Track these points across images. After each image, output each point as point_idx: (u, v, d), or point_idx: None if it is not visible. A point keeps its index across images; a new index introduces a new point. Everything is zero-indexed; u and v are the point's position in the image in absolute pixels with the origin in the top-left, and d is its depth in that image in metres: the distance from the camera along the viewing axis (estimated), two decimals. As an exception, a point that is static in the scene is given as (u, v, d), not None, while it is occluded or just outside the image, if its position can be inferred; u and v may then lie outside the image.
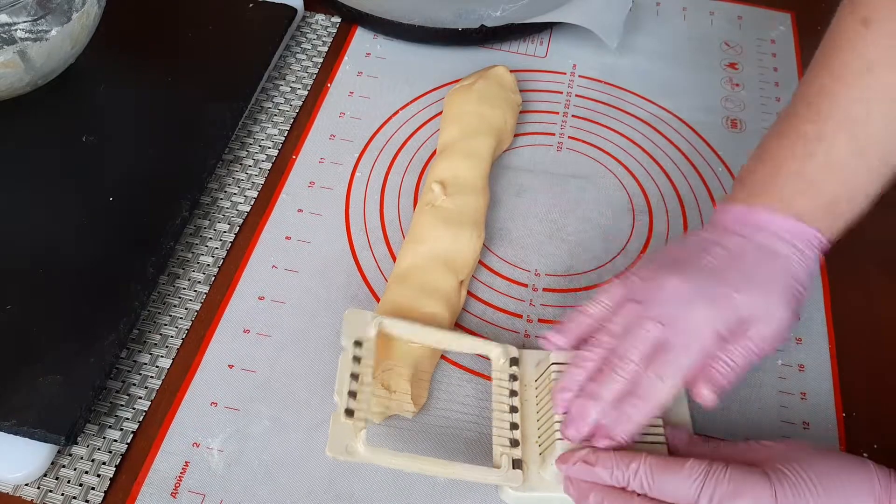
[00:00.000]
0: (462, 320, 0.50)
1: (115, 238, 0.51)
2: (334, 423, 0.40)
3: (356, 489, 0.43)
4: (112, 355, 0.45)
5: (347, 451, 0.40)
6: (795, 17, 0.71)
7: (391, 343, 0.46)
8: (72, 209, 0.53)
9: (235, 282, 0.51)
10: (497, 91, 0.59)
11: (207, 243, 0.53)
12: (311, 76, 0.65)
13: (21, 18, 0.55)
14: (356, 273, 0.52)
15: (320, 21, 0.69)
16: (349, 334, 0.44)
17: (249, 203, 0.56)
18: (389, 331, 0.45)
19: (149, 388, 0.46)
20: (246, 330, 0.49)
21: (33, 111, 0.58)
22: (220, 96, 0.59)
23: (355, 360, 0.43)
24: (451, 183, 0.53)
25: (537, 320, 0.50)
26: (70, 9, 0.56)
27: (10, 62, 0.53)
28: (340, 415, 0.41)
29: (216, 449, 0.44)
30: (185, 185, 0.53)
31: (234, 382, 0.47)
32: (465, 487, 0.43)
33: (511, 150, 0.60)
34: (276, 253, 0.53)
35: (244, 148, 0.59)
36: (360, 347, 0.44)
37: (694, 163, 0.60)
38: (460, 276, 0.50)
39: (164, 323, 0.49)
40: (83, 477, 0.43)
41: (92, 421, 0.45)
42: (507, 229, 0.55)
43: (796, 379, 0.48)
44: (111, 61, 0.63)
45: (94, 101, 0.60)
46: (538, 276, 0.53)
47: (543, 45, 0.68)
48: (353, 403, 0.41)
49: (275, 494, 0.42)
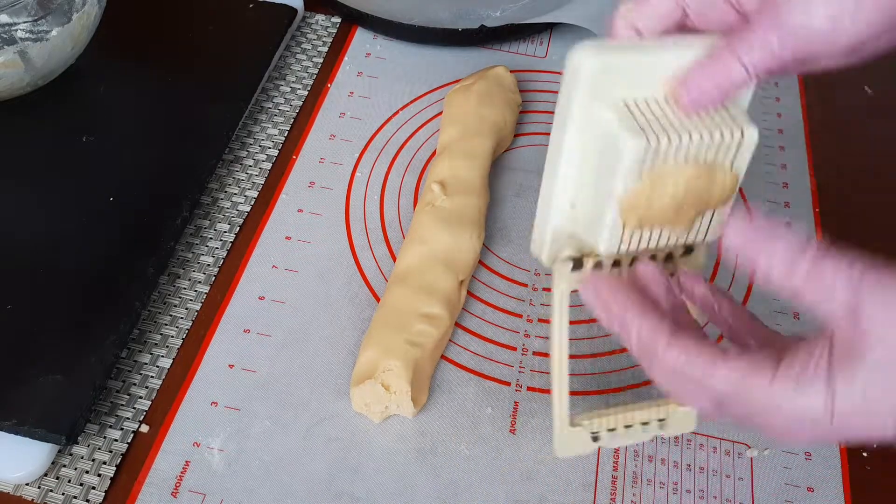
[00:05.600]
0: (462, 320, 0.50)
1: (116, 238, 0.51)
2: (560, 429, 0.38)
3: (356, 489, 0.43)
4: (112, 355, 0.45)
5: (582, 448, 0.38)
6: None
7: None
8: (72, 209, 0.53)
9: (236, 282, 0.51)
10: (497, 91, 0.59)
11: (208, 243, 0.53)
12: (312, 76, 0.65)
13: (21, 19, 0.55)
14: (356, 273, 0.52)
15: (320, 21, 0.69)
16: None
17: (250, 203, 0.56)
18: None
19: (149, 387, 0.47)
20: (246, 330, 0.49)
21: (34, 111, 0.58)
22: (220, 96, 0.59)
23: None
24: (451, 183, 0.53)
25: (537, 320, 0.50)
26: (70, 9, 0.56)
27: (10, 62, 0.53)
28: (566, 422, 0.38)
29: (216, 448, 0.44)
30: (186, 184, 0.53)
31: (235, 382, 0.47)
32: (467, 484, 0.43)
33: (511, 150, 0.60)
34: (277, 253, 0.53)
35: (244, 148, 0.59)
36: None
37: (694, 163, 0.60)
38: (460, 276, 0.50)
39: (164, 323, 0.49)
40: (84, 476, 0.43)
41: (92, 420, 0.45)
42: (507, 229, 0.55)
43: (796, 378, 0.48)
44: (112, 62, 0.63)
45: (95, 101, 0.60)
46: (538, 276, 0.53)
47: (543, 45, 0.68)
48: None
49: (275, 494, 0.42)
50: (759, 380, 0.29)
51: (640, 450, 0.45)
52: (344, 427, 0.45)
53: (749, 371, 0.30)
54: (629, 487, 0.44)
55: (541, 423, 0.46)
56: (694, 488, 0.44)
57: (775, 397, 0.29)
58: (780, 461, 0.45)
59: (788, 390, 0.29)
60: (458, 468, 0.44)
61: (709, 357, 0.31)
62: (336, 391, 0.46)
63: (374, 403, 0.45)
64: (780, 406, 0.29)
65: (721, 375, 0.30)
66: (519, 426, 0.46)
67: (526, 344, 0.49)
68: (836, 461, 0.45)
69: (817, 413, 0.29)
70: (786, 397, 0.29)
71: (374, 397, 0.44)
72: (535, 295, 0.52)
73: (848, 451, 0.45)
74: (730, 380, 0.30)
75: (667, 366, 0.32)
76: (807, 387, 0.29)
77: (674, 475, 0.44)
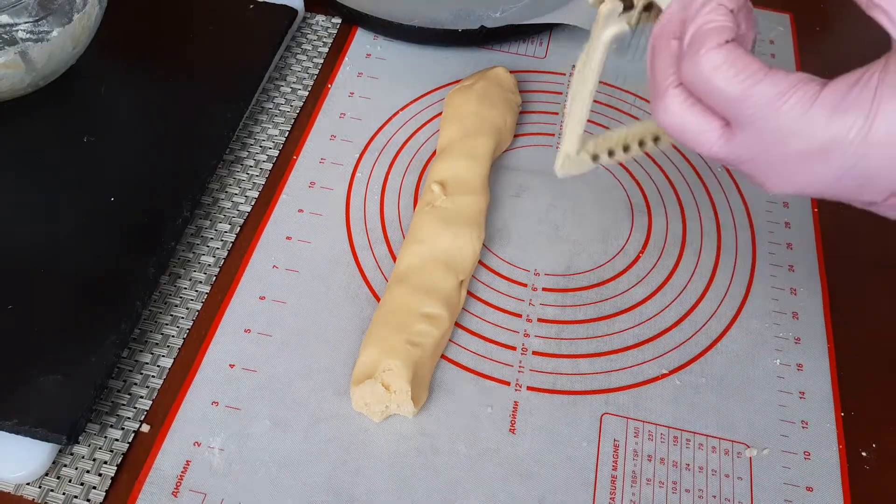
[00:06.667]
0: (462, 320, 0.50)
1: (116, 238, 0.51)
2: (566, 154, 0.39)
3: (356, 489, 0.43)
4: (113, 355, 0.45)
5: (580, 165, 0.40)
6: (794, 17, 0.72)
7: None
8: (73, 209, 0.53)
9: (236, 282, 0.51)
10: (497, 92, 0.59)
11: (208, 243, 0.53)
12: (312, 77, 0.65)
13: (22, 19, 0.55)
14: (356, 273, 0.52)
15: (321, 22, 0.69)
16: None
17: (250, 203, 0.56)
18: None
19: (150, 387, 0.47)
20: (247, 330, 0.49)
21: (34, 112, 0.58)
22: (220, 97, 0.59)
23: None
24: (451, 183, 0.53)
25: (537, 320, 0.50)
26: (71, 10, 0.56)
27: (11, 63, 0.53)
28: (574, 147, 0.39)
29: (217, 448, 0.44)
30: (186, 185, 0.53)
31: (235, 382, 0.47)
32: (467, 484, 0.43)
33: (511, 150, 0.60)
34: (277, 253, 0.53)
35: (245, 148, 0.59)
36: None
37: (692, 162, 0.60)
38: (460, 276, 0.50)
39: (165, 322, 0.49)
40: (84, 476, 0.43)
41: (93, 420, 0.45)
42: (507, 229, 0.55)
43: (795, 378, 0.48)
44: (112, 62, 0.63)
45: (96, 101, 0.60)
46: (538, 276, 0.53)
47: (543, 45, 0.68)
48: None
49: (275, 494, 0.43)
50: (797, 99, 0.29)
51: (639, 449, 0.45)
52: (344, 427, 0.45)
53: (791, 88, 0.29)
54: (629, 487, 0.44)
55: (541, 423, 0.46)
56: (693, 488, 0.44)
57: (811, 121, 0.28)
58: (780, 461, 0.45)
59: (826, 113, 0.28)
60: (458, 468, 0.44)
61: (757, 68, 0.29)
62: (336, 391, 0.46)
63: (374, 403, 0.45)
64: (810, 131, 0.28)
65: (761, 88, 0.29)
66: (519, 426, 0.46)
67: (526, 344, 0.49)
68: (835, 461, 0.45)
69: (849, 138, 0.28)
70: (820, 122, 0.28)
71: (374, 397, 0.44)
72: (535, 295, 0.52)
73: (848, 451, 0.45)
74: (768, 94, 0.29)
75: (702, 72, 0.30)
76: (849, 107, 0.28)
77: (673, 474, 0.44)
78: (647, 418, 0.46)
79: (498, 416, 0.46)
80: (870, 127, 0.28)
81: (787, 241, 0.55)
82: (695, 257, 0.54)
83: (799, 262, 0.54)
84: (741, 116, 0.30)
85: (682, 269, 0.53)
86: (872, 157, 0.28)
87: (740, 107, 0.30)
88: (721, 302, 0.52)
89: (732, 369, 0.49)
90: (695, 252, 0.54)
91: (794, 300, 0.52)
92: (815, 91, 0.29)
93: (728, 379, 0.48)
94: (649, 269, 0.53)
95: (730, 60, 0.30)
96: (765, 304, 0.51)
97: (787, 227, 0.56)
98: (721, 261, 0.54)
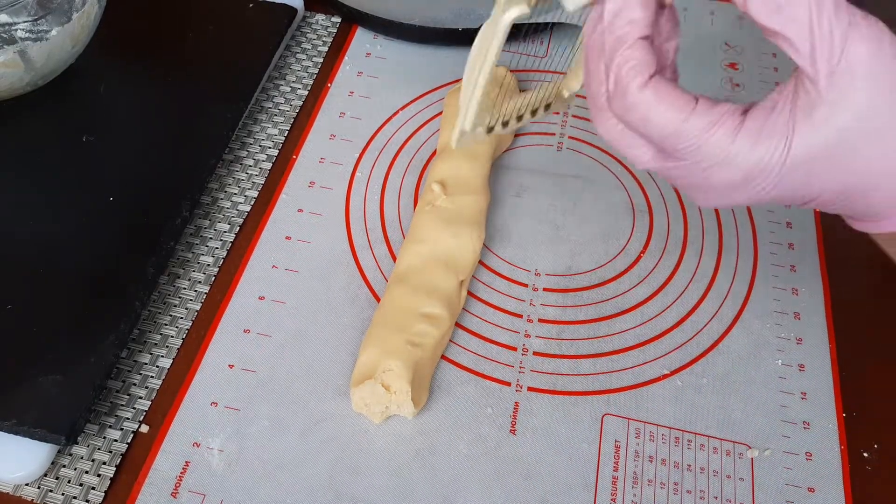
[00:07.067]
0: (462, 320, 0.50)
1: (116, 238, 0.51)
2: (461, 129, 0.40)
3: (356, 489, 0.43)
4: (112, 355, 0.45)
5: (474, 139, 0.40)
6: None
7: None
8: (72, 209, 0.53)
9: (236, 282, 0.51)
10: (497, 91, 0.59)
11: (208, 243, 0.53)
12: (312, 76, 0.65)
13: (21, 18, 0.55)
14: (356, 273, 0.52)
15: (320, 21, 0.69)
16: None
17: (250, 203, 0.56)
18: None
19: (149, 387, 0.46)
20: (246, 330, 0.49)
21: (33, 111, 0.58)
22: (220, 96, 0.59)
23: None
24: (451, 183, 0.53)
25: (537, 320, 0.50)
26: (70, 9, 0.56)
27: (10, 62, 0.53)
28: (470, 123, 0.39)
29: (216, 449, 0.44)
30: (186, 184, 0.53)
31: (235, 382, 0.47)
32: (467, 484, 0.43)
33: (511, 150, 0.60)
34: (277, 253, 0.53)
35: (244, 148, 0.59)
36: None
37: (694, 163, 0.60)
38: (460, 276, 0.50)
39: (164, 323, 0.49)
40: (83, 477, 0.43)
41: (92, 421, 0.45)
42: (507, 229, 0.55)
43: (796, 379, 0.48)
44: (111, 61, 0.63)
45: (95, 101, 0.60)
46: (538, 276, 0.53)
47: (543, 45, 0.68)
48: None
49: (275, 494, 0.42)
50: (724, 130, 0.30)
51: (640, 450, 0.45)
52: (344, 427, 0.45)
53: (719, 119, 0.31)
54: (630, 488, 0.44)
55: (542, 424, 0.46)
56: (694, 489, 0.44)
57: (738, 150, 0.31)
58: (781, 461, 0.45)
59: (750, 141, 0.30)
60: (458, 468, 0.44)
61: (684, 102, 0.31)
62: (336, 391, 0.46)
63: (374, 404, 0.45)
64: (738, 160, 0.31)
65: (690, 123, 0.31)
66: (519, 426, 0.46)
67: (526, 344, 0.49)
68: (836, 461, 0.45)
69: (772, 161, 0.30)
70: (745, 149, 0.30)
71: (374, 397, 0.44)
72: (535, 295, 0.52)
73: (849, 451, 0.45)
74: (696, 128, 0.31)
75: (635, 108, 0.31)
76: (770, 133, 0.30)
77: (674, 476, 0.44)
78: (649, 419, 0.46)
79: (498, 417, 0.46)
80: (789, 149, 0.30)
81: (789, 241, 0.55)
82: (696, 257, 0.54)
83: (800, 262, 0.54)
84: (672, 149, 0.32)
85: (683, 269, 0.53)
86: (793, 175, 0.31)
87: (671, 141, 0.32)
88: (722, 302, 0.52)
89: (734, 370, 0.48)
90: (696, 252, 0.54)
91: (795, 300, 0.52)
92: (739, 121, 0.31)
93: (730, 379, 0.48)
94: (650, 269, 0.53)
95: (658, 97, 0.31)
96: (766, 304, 0.51)
97: (789, 227, 0.56)
98: (722, 261, 0.54)
